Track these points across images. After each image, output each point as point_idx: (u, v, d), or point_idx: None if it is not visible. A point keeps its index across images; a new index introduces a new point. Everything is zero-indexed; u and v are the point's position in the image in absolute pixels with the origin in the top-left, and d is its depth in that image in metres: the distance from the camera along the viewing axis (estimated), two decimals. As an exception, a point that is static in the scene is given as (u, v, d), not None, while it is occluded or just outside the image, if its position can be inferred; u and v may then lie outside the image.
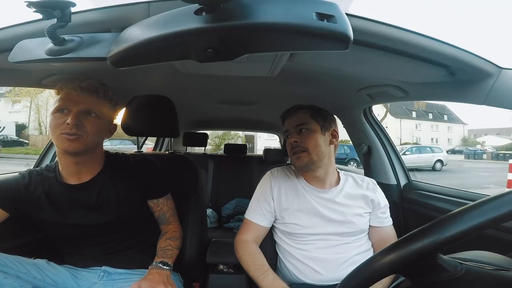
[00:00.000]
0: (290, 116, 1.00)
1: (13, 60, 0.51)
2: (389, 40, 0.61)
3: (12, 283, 0.69)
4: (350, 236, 0.93)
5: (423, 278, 0.42)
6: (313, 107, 1.00)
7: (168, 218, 0.96)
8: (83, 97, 0.80)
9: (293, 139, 0.96)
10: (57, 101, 0.80)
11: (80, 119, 0.78)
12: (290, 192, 0.97)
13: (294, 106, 1.02)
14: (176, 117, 1.13)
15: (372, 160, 1.55)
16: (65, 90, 0.80)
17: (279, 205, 0.96)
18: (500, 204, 0.36)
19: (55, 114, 0.79)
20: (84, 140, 0.79)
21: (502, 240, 0.87)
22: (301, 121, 0.97)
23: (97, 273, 0.85)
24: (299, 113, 0.99)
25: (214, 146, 13.82)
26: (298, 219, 0.93)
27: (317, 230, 0.92)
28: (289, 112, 1.01)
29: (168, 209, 0.96)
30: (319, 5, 0.39)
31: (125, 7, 0.55)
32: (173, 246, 0.90)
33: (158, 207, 0.94)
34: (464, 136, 39.81)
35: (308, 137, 0.95)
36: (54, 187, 0.84)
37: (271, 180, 1.00)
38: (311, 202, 0.94)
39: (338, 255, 0.90)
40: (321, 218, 0.93)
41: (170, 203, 0.97)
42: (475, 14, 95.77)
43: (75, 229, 0.84)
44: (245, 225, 0.99)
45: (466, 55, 0.66)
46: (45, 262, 0.83)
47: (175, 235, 0.94)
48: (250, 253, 0.91)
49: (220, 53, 0.42)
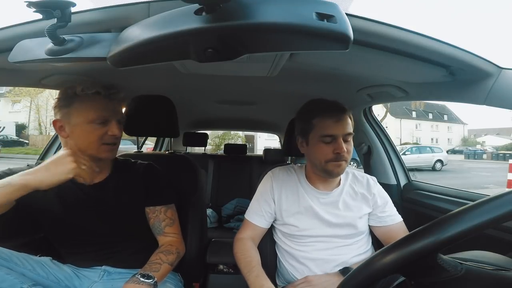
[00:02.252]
0: (339, 121, 0.87)
1: (13, 60, 0.51)
2: (389, 40, 0.61)
3: (13, 279, 0.69)
4: (350, 238, 0.92)
5: (423, 278, 0.42)
6: (346, 107, 0.91)
7: (164, 228, 0.90)
8: (114, 105, 0.82)
9: (341, 149, 0.85)
10: (91, 109, 0.78)
11: (119, 129, 0.83)
12: (291, 193, 0.95)
13: (337, 105, 0.90)
14: (176, 117, 1.13)
15: (372, 160, 1.55)
16: (93, 98, 0.79)
17: (279, 206, 0.95)
18: (500, 204, 0.36)
19: (91, 124, 0.78)
20: (118, 148, 0.85)
21: (502, 240, 0.87)
22: (350, 128, 0.89)
23: (98, 272, 0.86)
24: (346, 117, 0.89)
25: (214, 146, 13.82)
26: (298, 220, 0.92)
27: (316, 232, 0.91)
28: (338, 116, 0.87)
29: (164, 218, 0.90)
30: (319, 5, 0.39)
31: (125, 7, 0.55)
32: (164, 260, 0.82)
33: (154, 214, 0.90)
34: (464, 136, 39.81)
35: (351, 145, 0.90)
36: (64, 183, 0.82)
37: (272, 181, 0.98)
38: (311, 204, 0.92)
39: (337, 256, 0.90)
40: (320, 221, 0.92)
41: (171, 213, 0.92)
42: (475, 14, 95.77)
43: (76, 228, 0.84)
44: (244, 224, 0.99)
45: (466, 55, 0.66)
46: (50, 260, 0.83)
47: (170, 249, 0.87)
48: (242, 250, 0.92)
49: (220, 53, 0.42)
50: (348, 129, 0.88)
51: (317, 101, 0.93)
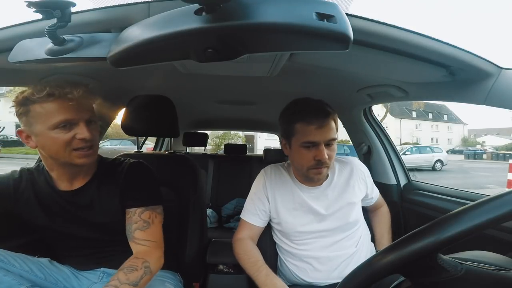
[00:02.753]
0: (321, 127, 0.83)
1: (13, 60, 0.51)
2: (389, 40, 0.61)
3: (11, 280, 0.69)
4: (345, 231, 0.93)
5: (423, 278, 0.42)
6: (330, 109, 0.87)
7: (133, 232, 0.77)
8: (77, 105, 0.71)
9: (322, 156, 0.83)
10: (50, 114, 0.69)
11: (90, 131, 0.73)
12: (284, 191, 0.95)
13: (320, 109, 0.85)
14: (176, 117, 1.13)
15: (372, 160, 1.55)
16: (59, 99, 0.70)
17: (274, 204, 0.95)
18: (500, 204, 0.36)
19: (53, 130, 0.70)
20: (95, 151, 0.76)
21: (502, 240, 0.87)
22: (333, 134, 0.85)
23: (97, 274, 0.85)
24: (329, 122, 0.85)
25: (214, 146, 13.81)
26: (294, 217, 0.93)
27: (313, 228, 0.92)
28: (320, 122, 0.83)
29: (137, 220, 0.78)
30: (319, 5, 0.39)
31: (125, 7, 0.55)
32: (122, 281, 0.67)
33: (128, 215, 0.80)
34: (464, 136, 39.81)
35: (334, 150, 0.87)
36: (45, 190, 0.80)
37: (265, 179, 0.98)
38: (305, 199, 0.93)
39: (336, 252, 0.91)
40: (315, 215, 0.92)
41: (147, 215, 0.79)
42: (475, 14, 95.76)
43: (67, 235, 0.82)
44: (241, 225, 0.99)
45: (466, 55, 0.66)
46: (48, 261, 0.83)
47: (134, 265, 0.71)
48: (245, 250, 0.92)
49: (220, 53, 0.42)
50: (330, 135, 0.84)
51: (300, 103, 0.89)
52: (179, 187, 1.04)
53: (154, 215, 0.81)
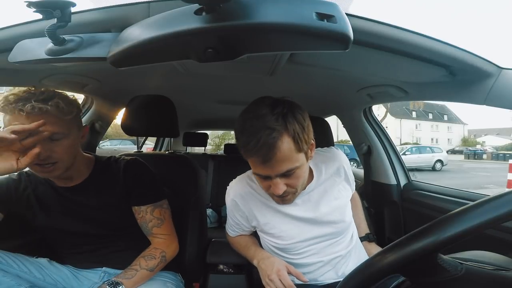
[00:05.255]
0: (267, 162, 0.66)
1: (13, 60, 0.51)
2: (389, 40, 0.61)
3: (10, 281, 0.69)
4: (337, 235, 0.87)
5: (423, 278, 0.42)
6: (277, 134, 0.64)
7: (151, 229, 0.85)
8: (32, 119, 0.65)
9: (277, 190, 0.70)
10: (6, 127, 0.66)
11: (47, 148, 0.68)
12: (260, 204, 0.85)
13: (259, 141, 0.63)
14: (176, 117, 1.13)
15: (372, 160, 1.55)
16: (10, 115, 0.66)
17: (256, 220, 0.87)
18: (500, 204, 0.36)
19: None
20: (59, 166, 0.73)
21: (502, 240, 0.87)
22: (287, 165, 0.67)
23: (98, 273, 0.85)
24: (276, 154, 0.64)
25: (214, 146, 13.81)
26: (281, 231, 0.84)
27: (303, 236, 0.84)
28: (264, 157, 0.65)
29: (151, 219, 0.85)
30: (319, 5, 0.39)
31: (125, 7, 0.55)
32: (142, 266, 0.79)
33: (139, 214, 0.85)
34: (464, 136, 39.85)
35: (297, 177, 0.72)
36: (44, 188, 0.82)
37: (233, 198, 0.87)
38: (284, 208, 0.83)
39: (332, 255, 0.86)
40: (304, 222, 0.85)
41: (158, 212, 0.86)
42: (475, 14, 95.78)
43: (67, 232, 0.83)
44: (227, 236, 0.99)
45: (466, 55, 0.66)
46: (47, 261, 0.83)
47: (153, 253, 0.82)
48: (238, 239, 0.95)
49: (220, 53, 0.42)
50: (283, 168, 0.67)
51: (239, 126, 0.69)
52: (179, 187, 1.04)
53: (164, 211, 0.88)
